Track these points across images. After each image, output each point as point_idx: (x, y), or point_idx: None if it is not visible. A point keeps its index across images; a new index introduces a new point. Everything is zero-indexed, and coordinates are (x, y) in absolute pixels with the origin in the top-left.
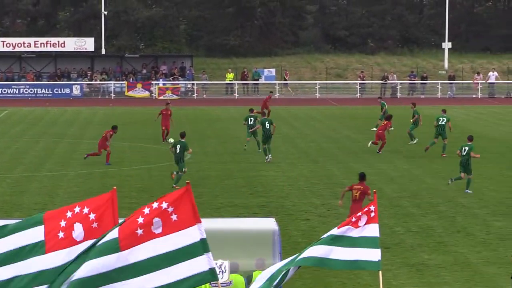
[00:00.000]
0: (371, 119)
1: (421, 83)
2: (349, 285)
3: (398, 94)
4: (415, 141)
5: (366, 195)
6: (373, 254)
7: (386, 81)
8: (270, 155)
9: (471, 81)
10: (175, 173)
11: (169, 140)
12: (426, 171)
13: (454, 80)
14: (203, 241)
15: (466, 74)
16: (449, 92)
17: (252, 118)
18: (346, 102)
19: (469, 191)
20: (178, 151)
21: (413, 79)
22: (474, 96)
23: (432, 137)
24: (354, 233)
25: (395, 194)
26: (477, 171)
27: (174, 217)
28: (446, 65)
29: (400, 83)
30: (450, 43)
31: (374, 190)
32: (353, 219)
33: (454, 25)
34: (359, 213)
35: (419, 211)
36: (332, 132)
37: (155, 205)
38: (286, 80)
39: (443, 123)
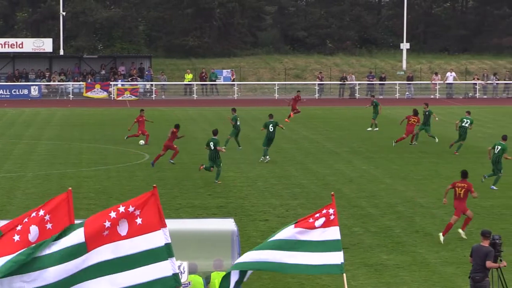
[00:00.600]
0: (329, 120)
1: (380, 84)
2: (307, 286)
3: (357, 95)
4: (436, 140)
5: (470, 192)
6: (336, 257)
7: (344, 81)
8: (268, 156)
9: (429, 82)
10: (204, 166)
11: (140, 142)
12: (385, 172)
13: (412, 80)
14: (167, 246)
15: (424, 75)
16: (407, 93)
17: (238, 119)
18: (305, 103)
19: (495, 188)
20: (212, 148)
21: (371, 79)
22: (432, 96)
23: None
24: (313, 236)
25: (354, 195)
26: (436, 172)
27: (139, 220)
28: (404, 65)
29: (359, 84)
30: (408, 44)
31: (332, 193)
32: (310, 220)
33: (412, 26)
34: (317, 214)
35: (377, 212)
36: (291, 133)
37: (121, 208)
38: (233, 80)
39: (466, 125)
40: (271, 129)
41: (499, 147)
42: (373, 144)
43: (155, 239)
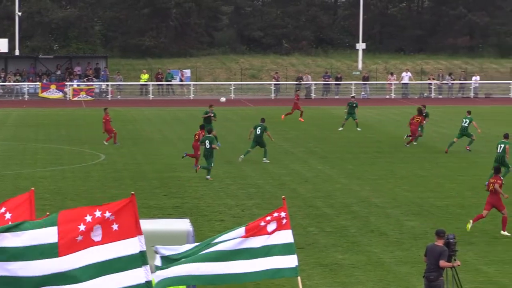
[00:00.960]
0: (285, 120)
1: (335, 84)
2: (263, 285)
3: (313, 95)
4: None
5: (494, 183)
6: (290, 261)
7: (300, 82)
8: (265, 158)
9: (385, 82)
10: (200, 166)
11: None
12: (340, 172)
13: (368, 80)
14: (142, 254)
15: (380, 75)
16: (362, 93)
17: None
18: (261, 103)
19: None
20: (208, 146)
21: (327, 80)
22: (387, 96)
23: (453, 137)
24: (265, 241)
25: (309, 195)
26: (391, 171)
27: (115, 226)
28: (360, 66)
29: (315, 84)
30: (364, 44)
31: (283, 197)
32: (262, 223)
33: (368, 26)
34: (268, 217)
35: (332, 211)
36: (247, 133)
37: (97, 213)
38: (182, 80)
39: (465, 124)
40: (258, 131)
41: (502, 145)
42: (328, 144)
43: (130, 246)
